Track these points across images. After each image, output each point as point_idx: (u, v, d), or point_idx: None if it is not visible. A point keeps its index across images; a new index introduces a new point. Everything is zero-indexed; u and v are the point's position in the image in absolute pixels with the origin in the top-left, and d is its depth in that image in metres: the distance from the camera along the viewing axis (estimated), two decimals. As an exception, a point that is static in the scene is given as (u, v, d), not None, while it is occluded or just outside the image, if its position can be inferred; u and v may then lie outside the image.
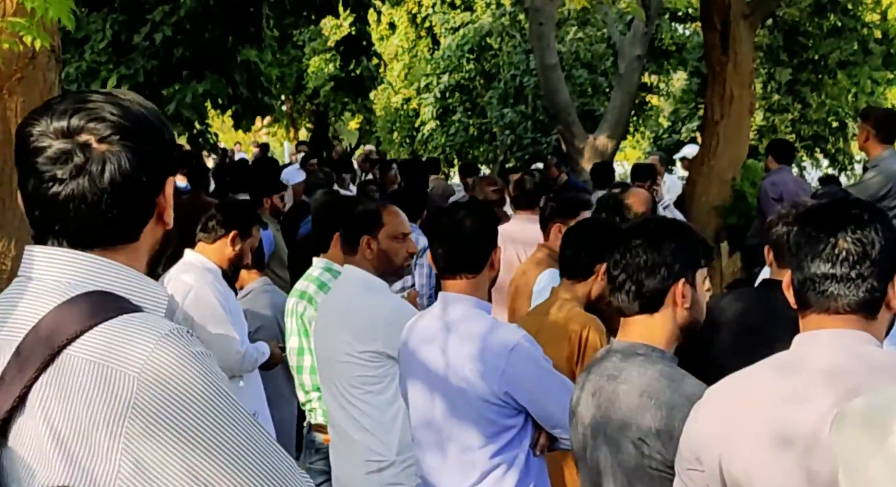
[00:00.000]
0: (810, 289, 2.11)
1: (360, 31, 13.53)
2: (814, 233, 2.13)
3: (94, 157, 1.48)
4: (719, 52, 9.37)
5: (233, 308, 4.53)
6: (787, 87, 17.36)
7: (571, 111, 13.58)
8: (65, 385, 1.43)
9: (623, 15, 17.47)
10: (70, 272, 1.51)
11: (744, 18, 9.34)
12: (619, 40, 15.15)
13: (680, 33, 19.29)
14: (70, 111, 1.50)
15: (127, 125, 1.51)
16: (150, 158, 1.53)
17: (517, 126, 19.32)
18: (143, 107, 1.57)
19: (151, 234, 1.59)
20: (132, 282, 1.54)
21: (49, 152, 1.48)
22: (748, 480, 2.09)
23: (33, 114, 1.54)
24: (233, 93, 10.78)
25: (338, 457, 3.94)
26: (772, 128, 17.42)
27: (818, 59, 17.12)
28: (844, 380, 2.01)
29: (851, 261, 2.08)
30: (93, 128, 1.49)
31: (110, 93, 1.56)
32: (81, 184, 1.48)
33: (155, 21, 9.98)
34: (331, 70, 19.10)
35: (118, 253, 1.54)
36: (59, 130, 1.49)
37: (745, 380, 2.20)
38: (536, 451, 3.08)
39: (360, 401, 3.76)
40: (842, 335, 2.10)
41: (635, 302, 2.64)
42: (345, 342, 3.77)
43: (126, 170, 1.49)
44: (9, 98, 3.87)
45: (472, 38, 20.15)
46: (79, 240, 1.52)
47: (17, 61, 3.81)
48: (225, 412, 1.45)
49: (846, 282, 2.09)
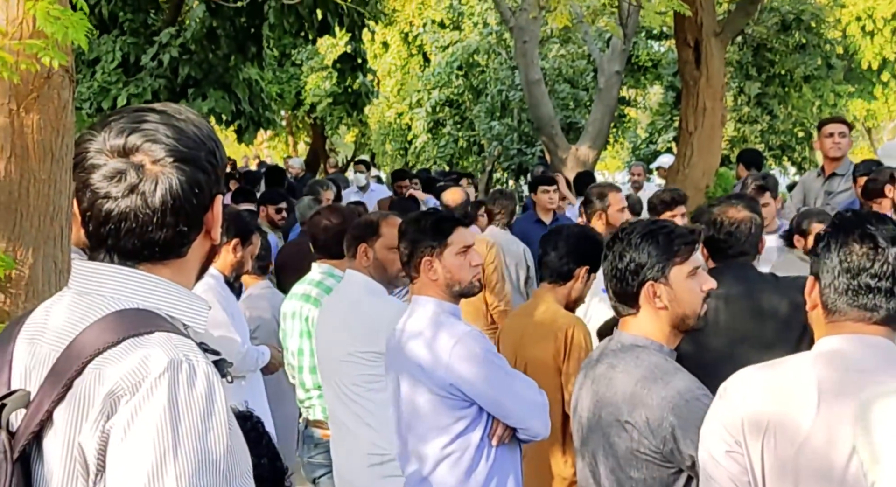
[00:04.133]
0: (851, 298, 2.09)
1: (356, 50, 13.54)
2: (862, 246, 2.09)
3: (148, 178, 1.47)
4: (693, 67, 9.41)
5: (234, 311, 4.53)
6: (756, 100, 17.44)
7: (555, 124, 13.59)
8: (77, 395, 1.42)
9: (602, 33, 17.51)
10: (115, 288, 1.50)
11: (715, 36, 9.38)
12: (598, 57, 15.18)
13: (656, 50, 19.35)
14: (127, 130, 1.49)
15: (180, 148, 1.49)
16: (200, 180, 1.51)
17: (504, 138, 19.32)
18: (198, 128, 1.55)
19: (199, 249, 1.59)
20: (174, 297, 1.53)
21: (104, 170, 1.47)
22: (794, 464, 2.07)
23: (92, 129, 1.52)
24: (236, 109, 10.77)
25: (340, 451, 3.94)
26: (742, 139, 17.46)
27: (784, 74, 17.21)
28: (879, 381, 2.01)
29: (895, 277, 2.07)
30: (148, 149, 1.48)
31: (166, 113, 1.54)
32: (134, 202, 1.47)
33: (162, 42, 9.99)
34: (328, 86, 19.07)
35: (166, 268, 1.54)
36: (115, 149, 1.48)
37: (787, 370, 2.15)
38: (493, 441, 3.05)
39: (363, 399, 3.76)
40: (875, 342, 2.08)
41: (617, 304, 2.67)
42: (347, 343, 3.77)
43: (177, 192, 1.48)
44: (25, 115, 3.87)
45: (461, 55, 20.16)
46: (128, 254, 1.51)
47: (33, 80, 3.81)
48: (151, 441, 1.37)
49: (887, 296, 2.08)
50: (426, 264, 3.16)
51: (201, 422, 1.40)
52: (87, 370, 1.41)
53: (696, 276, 2.64)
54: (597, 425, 2.60)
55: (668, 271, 2.60)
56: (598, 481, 2.62)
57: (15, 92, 3.83)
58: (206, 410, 1.41)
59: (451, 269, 3.14)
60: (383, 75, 22.10)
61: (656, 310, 2.60)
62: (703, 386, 2.50)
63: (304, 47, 16.03)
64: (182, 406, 1.39)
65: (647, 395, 2.48)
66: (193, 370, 1.42)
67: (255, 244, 4.82)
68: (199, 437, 1.39)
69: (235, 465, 1.48)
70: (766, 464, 2.09)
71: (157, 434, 1.37)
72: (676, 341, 2.65)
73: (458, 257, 3.15)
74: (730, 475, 2.12)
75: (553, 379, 3.38)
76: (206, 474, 1.39)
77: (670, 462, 2.47)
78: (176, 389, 1.39)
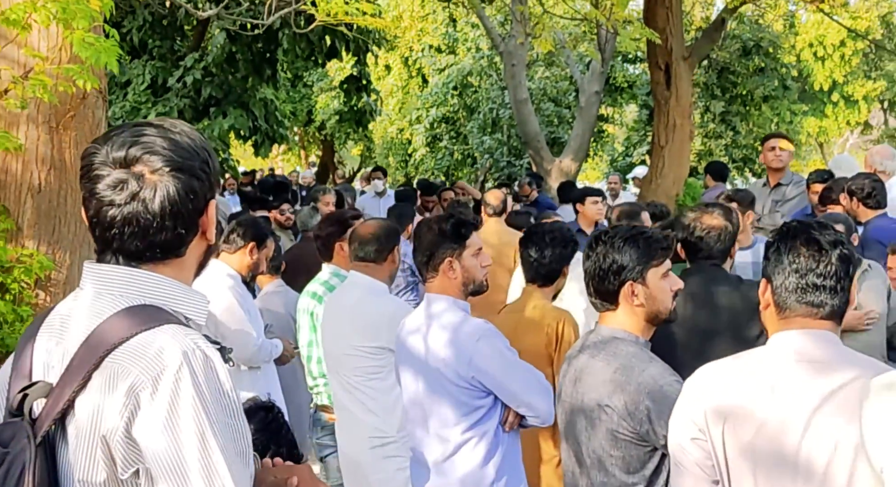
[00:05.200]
0: (800, 295, 2.09)
1: (361, 72, 13.54)
2: (809, 249, 2.10)
3: (147, 186, 1.47)
4: (663, 88, 9.42)
5: (250, 308, 4.52)
6: (721, 118, 17.49)
7: (540, 138, 13.59)
8: (97, 387, 1.42)
9: (583, 57, 17.51)
10: (123, 287, 1.50)
11: (683, 60, 9.39)
12: (579, 78, 15.18)
13: (631, 72, 19.34)
14: (128, 143, 1.48)
15: (176, 158, 1.49)
16: (195, 186, 1.51)
17: (495, 151, 19.33)
18: (192, 140, 1.54)
19: (196, 249, 1.58)
20: (177, 293, 1.53)
21: (108, 180, 1.47)
22: (752, 448, 2.07)
23: (95, 143, 1.52)
24: (253, 126, 10.75)
25: (344, 434, 3.93)
26: (708, 152, 17.51)
27: (746, 94, 17.26)
28: (829, 368, 2.02)
29: (838, 276, 2.08)
30: (146, 160, 1.47)
31: (162, 126, 1.53)
32: (135, 208, 1.46)
33: (187, 66, 9.99)
34: (336, 105, 19.07)
35: (167, 267, 1.53)
36: (117, 160, 1.47)
37: (745, 363, 2.15)
38: (505, 427, 3.05)
39: (366, 387, 3.75)
40: (823, 336, 2.08)
41: (596, 300, 2.66)
42: (352, 337, 3.75)
43: (174, 198, 1.48)
44: (63, 132, 3.87)
45: (456, 77, 20.16)
46: (132, 256, 1.51)
47: (70, 101, 3.80)
48: (192, 423, 1.40)
49: (831, 293, 2.08)
50: (447, 264, 3.12)
51: (221, 398, 1.43)
52: (104, 363, 1.41)
53: (668, 278, 2.65)
54: (580, 409, 2.59)
55: (645, 273, 2.60)
56: (581, 460, 2.61)
57: (54, 111, 3.82)
58: (220, 389, 1.44)
59: (468, 269, 3.13)
60: (386, 95, 22.09)
61: (633, 307, 2.60)
62: (674, 372, 2.50)
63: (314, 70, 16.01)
64: (204, 388, 1.41)
65: (625, 382, 2.48)
66: (206, 355, 1.43)
67: (270, 247, 4.82)
68: (222, 410, 1.43)
69: (247, 432, 1.51)
70: (727, 449, 2.09)
71: (194, 415, 1.39)
72: (650, 333, 2.65)
73: (473, 258, 3.14)
74: (696, 460, 2.13)
75: (544, 369, 3.36)
76: (230, 433, 1.44)
77: (646, 442, 2.47)
78: (196, 376, 1.40)
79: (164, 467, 1.39)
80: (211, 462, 1.39)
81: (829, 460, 1.98)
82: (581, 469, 2.61)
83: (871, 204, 5.38)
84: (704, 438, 2.12)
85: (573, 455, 2.66)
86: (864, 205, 5.39)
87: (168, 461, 1.38)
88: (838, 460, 1.95)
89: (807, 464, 2.00)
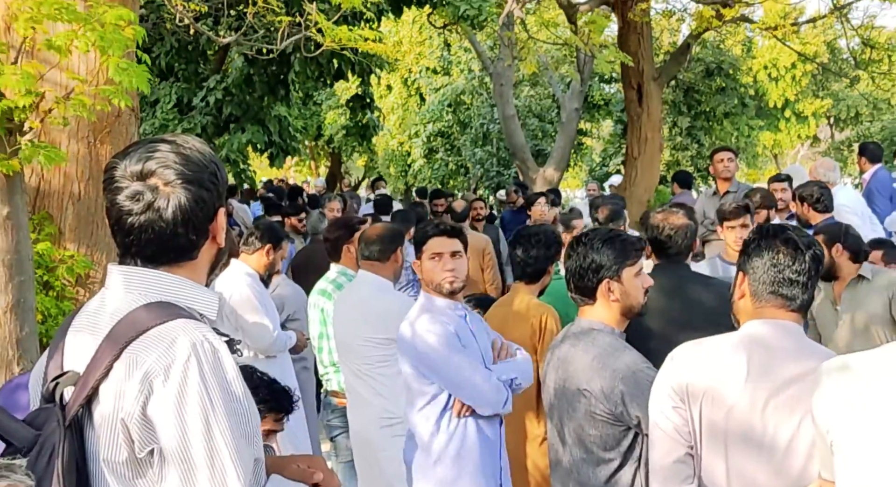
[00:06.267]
0: (775, 288, 2.10)
1: (365, 92, 13.51)
2: (787, 247, 2.11)
3: (161, 196, 1.47)
4: (636, 105, 9.44)
5: (267, 303, 4.52)
6: (687, 132, 17.49)
7: (526, 150, 13.59)
8: (117, 376, 1.42)
9: (564, 77, 17.50)
10: (142, 286, 1.49)
11: (654, 80, 9.42)
12: (560, 97, 15.18)
13: (607, 91, 19.33)
14: (144, 159, 1.48)
15: (187, 172, 1.49)
16: (204, 196, 1.50)
17: (485, 162, 19.32)
18: (201, 154, 1.54)
19: (208, 252, 1.57)
20: (190, 292, 1.52)
21: (126, 192, 1.47)
22: (724, 428, 2.07)
23: (115, 158, 1.52)
24: (268, 140, 10.71)
25: (356, 416, 3.93)
26: (676, 162, 17.52)
27: (709, 111, 17.27)
28: (795, 356, 2.04)
29: (810, 274, 2.10)
30: (160, 174, 1.47)
31: (175, 142, 1.53)
32: (151, 217, 1.47)
33: (209, 87, 9.96)
34: (342, 121, 19.02)
35: (181, 268, 1.53)
36: (135, 173, 1.47)
37: (719, 347, 2.15)
38: (454, 413, 3.01)
39: (375, 373, 3.76)
40: (791, 327, 2.10)
41: (576, 295, 2.66)
42: (362, 330, 3.76)
43: (185, 207, 1.48)
44: (100, 146, 3.88)
45: (450, 95, 20.14)
46: (149, 259, 1.51)
47: (106, 119, 3.81)
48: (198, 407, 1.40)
49: (803, 288, 2.09)
50: (414, 265, 3.18)
51: (225, 384, 1.43)
52: (123, 354, 1.41)
53: (640, 276, 2.66)
54: (562, 393, 2.60)
55: (621, 271, 2.60)
56: (563, 438, 2.62)
57: (92, 128, 3.83)
58: (224, 376, 1.44)
59: (425, 271, 3.14)
60: (387, 112, 22.05)
61: (609, 302, 2.60)
62: (646, 360, 2.50)
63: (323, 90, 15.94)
64: (210, 377, 1.41)
65: (602, 368, 2.48)
66: (213, 346, 1.43)
67: (285, 249, 4.84)
68: (227, 396, 1.43)
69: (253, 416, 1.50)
70: (702, 425, 2.10)
71: (200, 401, 1.39)
72: (624, 325, 2.65)
73: (430, 262, 3.12)
74: (675, 426, 2.14)
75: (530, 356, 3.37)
76: (235, 418, 1.43)
77: (621, 422, 2.47)
78: (203, 366, 1.41)
79: (172, 445, 1.39)
80: (213, 442, 1.39)
81: (791, 436, 2.00)
82: (563, 446, 2.61)
83: (819, 208, 5.41)
84: (684, 408, 2.13)
85: (556, 434, 2.66)
86: (814, 210, 5.42)
87: (176, 440, 1.39)
88: (800, 437, 1.98)
89: (772, 441, 2.02)
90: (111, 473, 1.43)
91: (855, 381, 1.73)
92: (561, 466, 2.64)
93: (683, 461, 2.13)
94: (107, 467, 1.43)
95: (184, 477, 1.39)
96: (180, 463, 1.39)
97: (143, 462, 1.42)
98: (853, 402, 1.72)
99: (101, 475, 1.43)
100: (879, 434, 1.68)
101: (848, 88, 21.68)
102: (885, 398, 1.68)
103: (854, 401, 1.72)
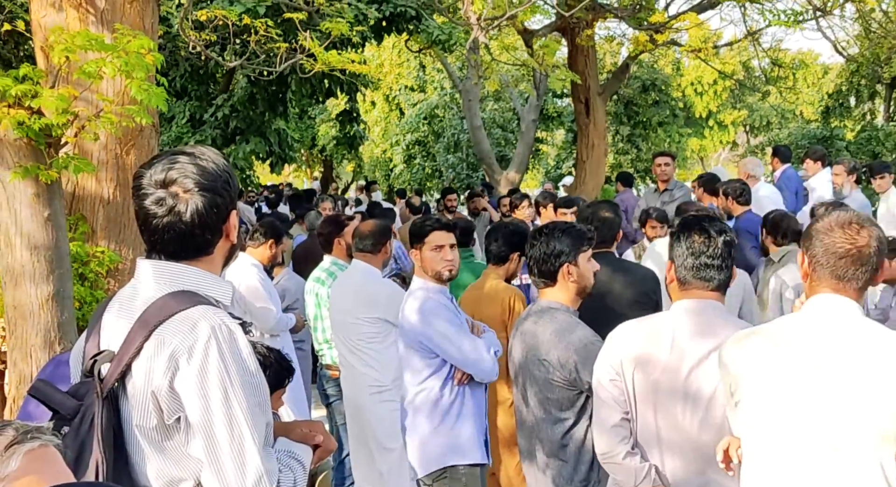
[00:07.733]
0: (696, 272, 2.12)
1: (352, 107, 13.48)
2: (701, 236, 2.13)
3: (181, 202, 1.47)
4: (584, 116, 9.50)
5: (270, 290, 4.52)
6: (627, 139, 17.64)
7: (492, 156, 13.62)
8: (147, 355, 1.42)
9: (522, 93, 17.55)
10: (167, 277, 1.49)
11: (598, 95, 9.48)
12: (520, 110, 15.19)
13: (559, 105, 19.41)
14: (166, 169, 1.48)
15: (203, 181, 1.49)
16: (218, 202, 1.50)
17: (457, 167, 19.32)
18: (216, 164, 1.53)
19: (222, 248, 1.57)
20: (208, 282, 1.52)
21: (152, 198, 1.47)
22: (654, 386, 2.10)
23: (142, 168, 1.52)
24: (269, 150, 10.64)
25: (349, 385, 3.93)
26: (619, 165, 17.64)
27: (646, 121, 17.44)
28: (715, 328, 2.08)
29: (723, 257, 2.12)
30: (180, 182, 1.47)
31: (193, 154, 1.52)
32: (172, 219, 1.47)
33: (217, 104, 9.89)
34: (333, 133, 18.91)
35: (199, 262, 1.53)
36: (158, 182, 1.48)
37: (653, 322, 2.18)
38: (454, 382, 3.03)
39: (366, 347, 3.76)
40: (711, 304, 2.13)
41: (538, 280, 2.65)
42: (355, 310, 3.76)
43: (201, 211, 1.48)
44: (126, 156, 3.84)
45: (426, 110, 20.09)
46: (172, 254, 1.51)
47: (130, 133, 3.78)
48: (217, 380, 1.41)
49: (718, 270, 2.12)
50: (414, 255, 3.16)
51: (241, 361, 1.44)
52: (152, 336, 1.42)
53: (591, 261, 2.68)
54: (525, 363, 2.61)
55: (577, 256, 2.61)
56: (526, 401, 2.64)
57: (119, 141, 3.80)
58: (239, 354, 1.44)
59: (426, 260, 3.12)
60: (372, 124, 21.95)
61: (568, 284, 2.61)
62: (596, 334, 2.52)
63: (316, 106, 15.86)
64: (227, 355, 1.41)
65: (558, 341, 2.50)
66: (229, 328, 1.44)
67: (286, 243, 4.81)
68: (243, 371, 1.43)
69: (264, 388, 1.51)
70: (636, 387, 2.14)
71: (219, 376, 1.40)
72: (578, 304, 2.67)
73: (432, 252, 3.11)
74: (612, 396, 2.19)
75: (499, 333, 3.38)
76: (249, 389, 1.44)
77: (574, 387, 2.50)
78: (221, 345, 1.41)
79: (197, 414, 1.40)
80: (232, 410, 1.40)
81: (712, 392, 2.05)
82: (527, 408, 2.64)
83: (741, 201, 5.51)
84: (619, 379, 2.17)
85: (521, 398, 2.68)
86: (736, 202, 5.51)
87: (199, 409, 1.40)
88: (719, 393, 2.02)
89: (695, 396, 2.06)
90: (143, 437, 1.43)
91: (758, 344, 1.78)
92: (525, 425, 2.66)
93: (620, 425, 2.17)
94: (139, 432, 1.43)
95: (207, 440, 1.40)
96: (204, 429, 1.40)
97: (171, 427, 1.43)
98: (755, 363, 1.77)
99: (134, 438, 1.44)
100: (776, 391, 1.72)
101: (761, 101, 21.98)
102: (783, 358, 1.72)
103: (756, 362, 1.77)
